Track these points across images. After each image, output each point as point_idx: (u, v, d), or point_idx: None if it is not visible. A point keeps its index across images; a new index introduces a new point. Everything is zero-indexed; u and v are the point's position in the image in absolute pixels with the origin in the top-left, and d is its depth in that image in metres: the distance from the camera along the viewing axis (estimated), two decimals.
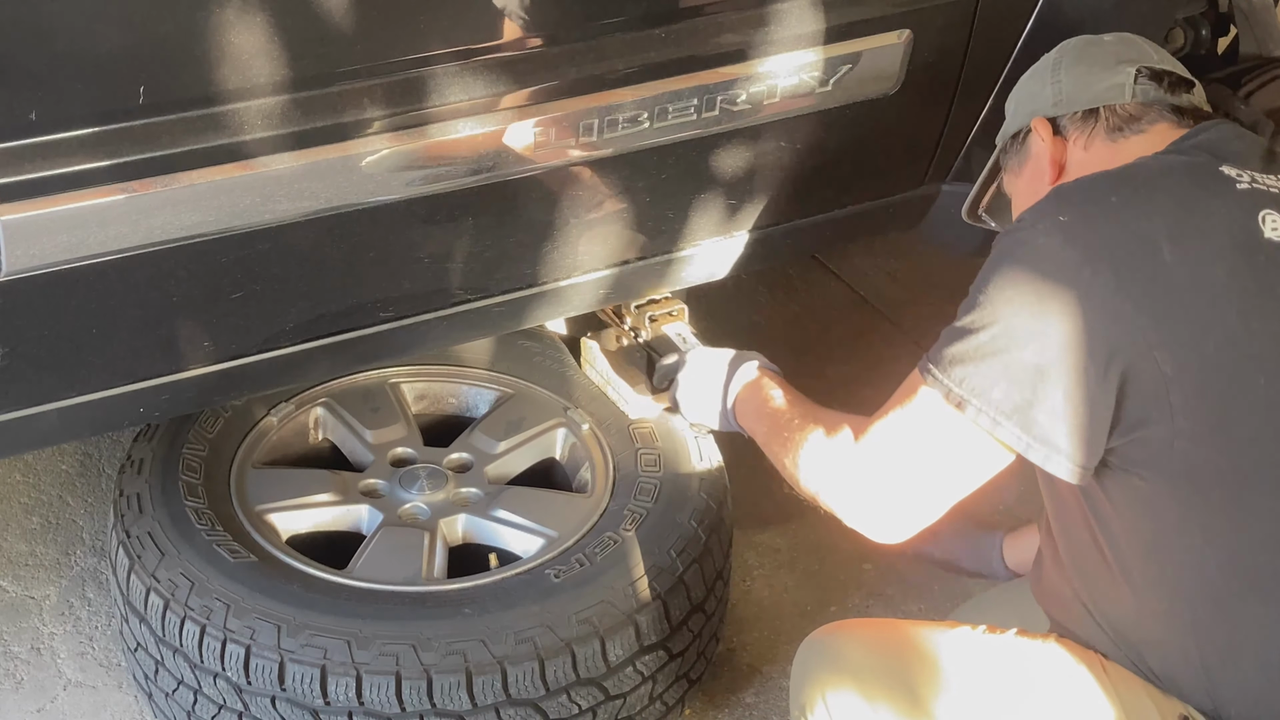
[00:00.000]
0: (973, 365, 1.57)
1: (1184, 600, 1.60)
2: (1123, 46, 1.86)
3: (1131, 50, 1.85)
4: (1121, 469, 1.59)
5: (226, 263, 1.83)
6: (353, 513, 2.29)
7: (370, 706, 1.95)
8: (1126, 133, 1.77)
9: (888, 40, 2.14)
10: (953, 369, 1.58)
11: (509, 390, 2.51)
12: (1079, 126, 1.81)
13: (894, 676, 1.66)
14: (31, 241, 1.67)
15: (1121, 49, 1.85)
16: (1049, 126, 1.83)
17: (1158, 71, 1.80)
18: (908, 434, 1.64)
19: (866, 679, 1.66)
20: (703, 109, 2.02)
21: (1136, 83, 1.78)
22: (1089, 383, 1.53)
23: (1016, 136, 1.89)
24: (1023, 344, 1.55)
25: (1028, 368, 1.54)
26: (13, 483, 2.69)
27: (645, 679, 2.08)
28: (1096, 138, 1.79)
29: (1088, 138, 1.80)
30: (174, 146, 1.69)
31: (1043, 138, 1.83)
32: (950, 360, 1.59)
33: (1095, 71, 1.82)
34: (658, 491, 2.24)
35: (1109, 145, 1.78)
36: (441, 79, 1.83)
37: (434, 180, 1.90)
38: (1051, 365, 1.54)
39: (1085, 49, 1.87)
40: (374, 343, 2.04)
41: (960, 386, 1.58)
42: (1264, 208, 1.60)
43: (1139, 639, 1.65)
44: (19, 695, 2.27)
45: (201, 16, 1.64)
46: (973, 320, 1.59)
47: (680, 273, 2.26)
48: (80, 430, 2.08)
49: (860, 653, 1.70)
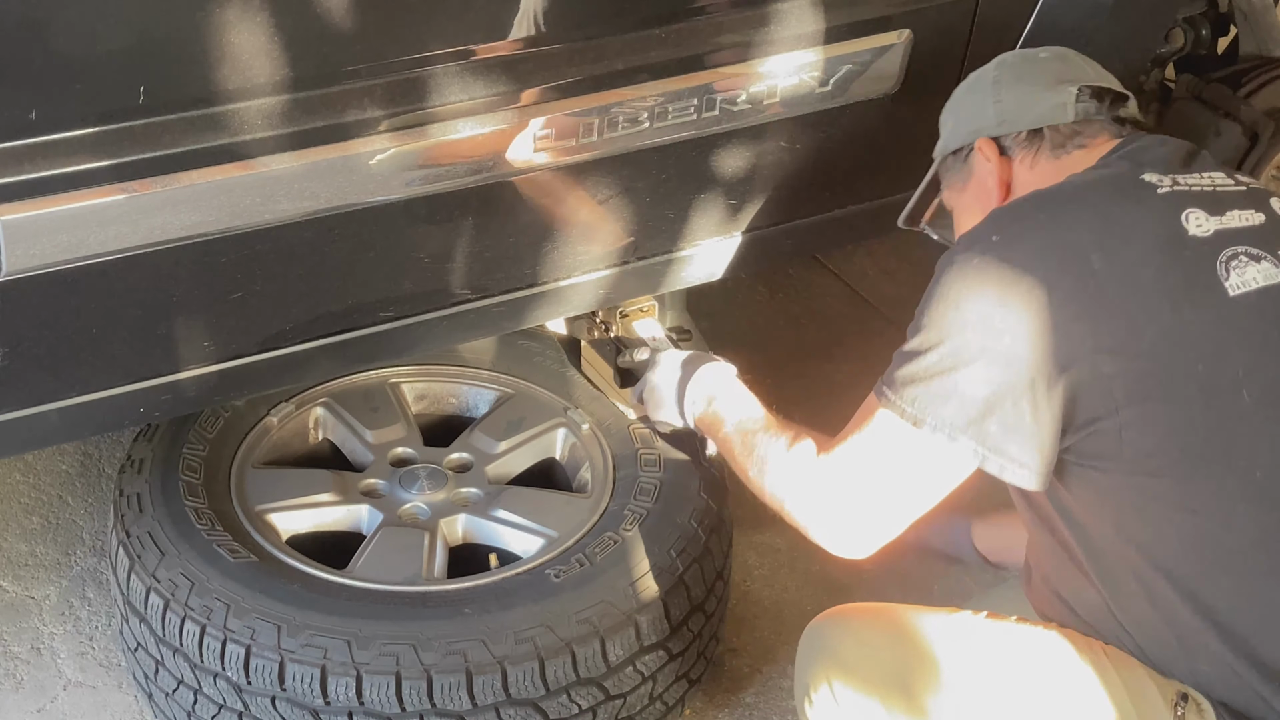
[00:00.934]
0: (924, 385, 1.63)
1: (1152, 581, 1.64)
2: (1061, 64, 1.90)
3: (1070, 68, 1.89)
4: (1078, 464, 1.64)
5: (226, 263, 1.83)
6: (353, 513, 2.29)
7: (370, 706, 1.95)
8: (1069, 148, 1.83)
9: (888, 40, 2.14)
10: (905, 389, 1.64)
11: (509, 390, 2.51)
12: (1024, 146, 1.85)
13: (898, 661, 1.69)
14: (31, 241, 1.67)
15: (1061, 67, 1.89)
16: (994, 147, 1.87)
17: (1098, 89, 1.85)
18: (869, 454, 1.69)
19: (871, 663, 1.69)
20: (703, 109, 2.02)
21: (1078, 101, 1.84)
22: (1036, 391, 1.59)
23: (958, 153, 1.93)
24: (969, 361, 1.60)
25: (976, 383, 1.60)
26: (13, 483, 2.69)
27: (645, 679, 2.08)
28: (1041, 156, 1.84)
29: (1033, 156, 1.85)
30: (174, 146, 1.69)
31: (989, 158, 1.87)
32: (902, 382, 1.64)
33: (1037, 91, 1.86)
34: (658, 491, 2.24)
35: (1053, 162, 1.83)
36: (441, 79, 1.83)
37: (434, 180, 1.90)
38: (999, 379, 1.59)
39: (1025, 67, 1.91)
40: (374, 343, 2.04)
41: (913, 406, 1.63)
42: (1186, 207, 1.67)
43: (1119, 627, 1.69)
44: (19, 695, 2.28)
45: (201, 16, 1.64)
46: (920, 342, 1.65)
47: (680, 273, 2.26)
48: (80, 430, 2.08)
49: (865, 637, 1.73)
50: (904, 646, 1.70)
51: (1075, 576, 1.72)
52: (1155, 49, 2.70)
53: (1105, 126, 1.83)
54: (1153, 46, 2.64)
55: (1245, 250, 1.65)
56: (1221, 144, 2.85)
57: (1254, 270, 1.64)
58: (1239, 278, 1.63)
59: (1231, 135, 2.84)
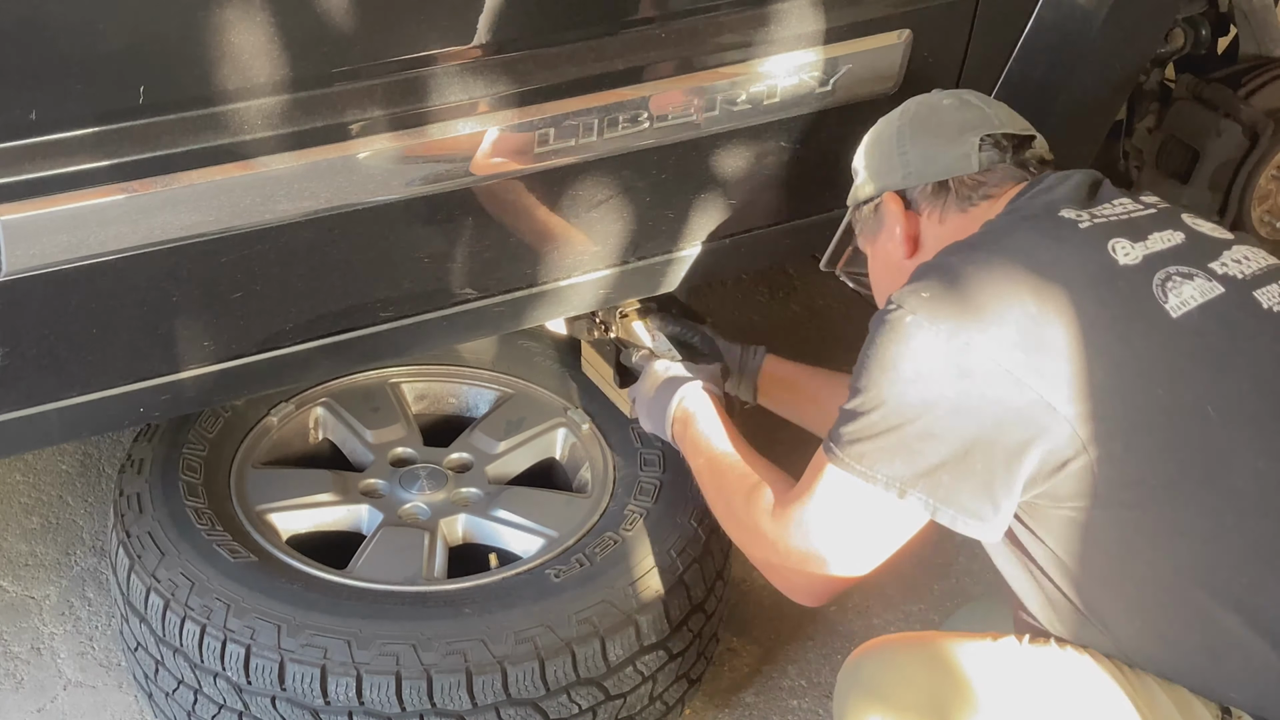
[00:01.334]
0: (870, 443, 1.63)
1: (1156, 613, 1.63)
2: (963, 112, 1.89)
3: (973, 115, 1.88)
4: (1055, 509, 1.62)
5: (226, 263, 1.83)
6: (353, 513, 2.29)
7: (370, 706, 1.95)
8: (975, 200, 1.83)
9: (888, 40, 2.14)
10: (852, 448, 1.65)
11: (509, 390, 2.51)
12: (930, 201, 1.86)
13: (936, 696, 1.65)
14: (31, 241, 1.67)
15: (963, 115, 1.88)
16: (899, 202, 1.88)
17: (998, 138, 1.85)
18: (821, 512, 1.70)
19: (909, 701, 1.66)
20: (703, 109, 2.02)
21: (981, 150, 1.84)
22: (985, 442, 1.59)
23: (869, 202, 1.93)
24: (913, 418, 1.61)
25: (922, 437, 1.61)
26: (13, 483, 2.69)
27: (645, 679, 2.08)
28: (949, 209, 1.85)
29: (941, 211, 1.85)
30: (174, 146, 1.69)
31: (894, 214, 1.87)
32: (849, 440, 1.65)
33: (940, 144, 1.86)
34: (658, 491, 2.24)
35: (960, 215, 1.83)
36: (441, 79, 1.83)
37: (434, 180, 1.90)
38: (944, 432, 1.60)
39: (928, 118, 1.90)
40: (374, 343, 2.04)
41: (861, 463, 1.64)
42: (1111, 237, 1.67)
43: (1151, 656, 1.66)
44: (19, 695, 2.28)
45: (201, 16, 1.64)
46: (861, 403, 1.64)
47: (680, 272, 2.26)
48: (80, 430, 2.08)
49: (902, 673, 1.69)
50: (943, 678, 1.66)
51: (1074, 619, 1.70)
52: (1155, 49, 2.70)
53: (1010, 173, 1.83)
54: (1153, 46, 2.64)
55: (1176, 270, 1.66)
56: (1221, 144, 2.85)
57: (1189, 288, 1.64)
58: (1177, 299, 1.63)
59: (1231, 135, 2.84)
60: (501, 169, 1.94)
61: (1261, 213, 2.96)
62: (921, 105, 1.94)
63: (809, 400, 2.33)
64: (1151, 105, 2.95)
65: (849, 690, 1.72)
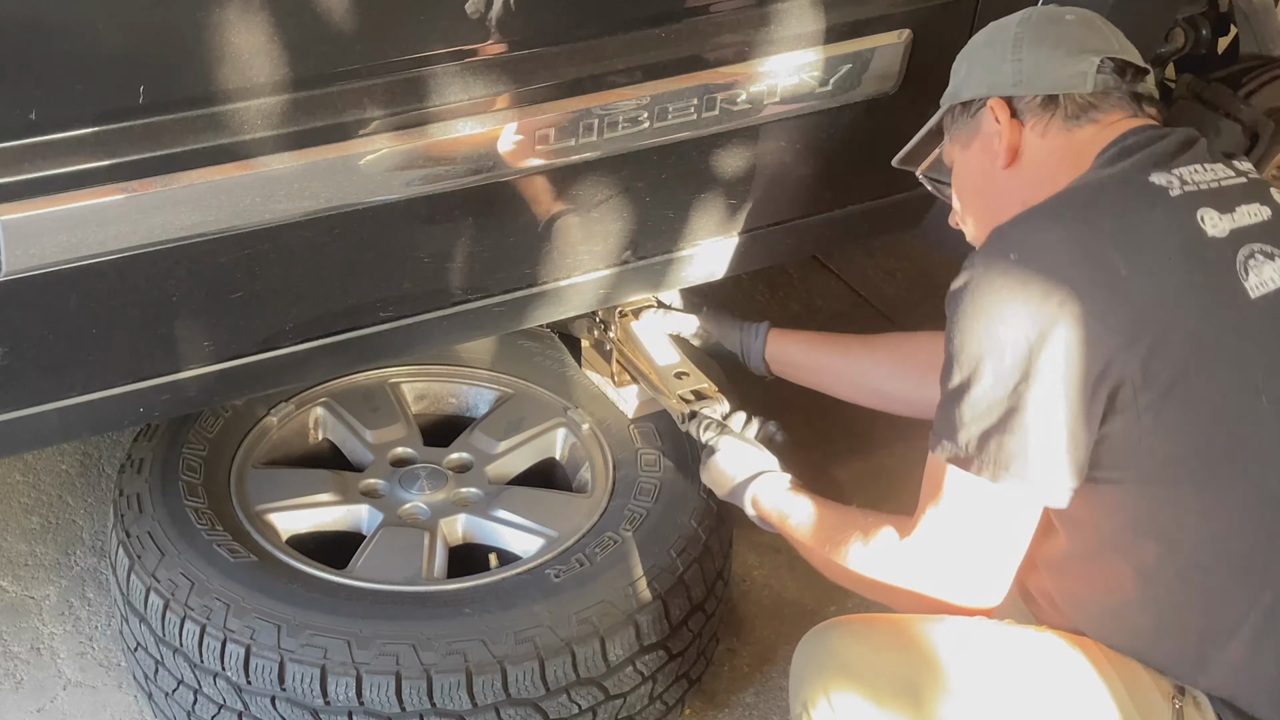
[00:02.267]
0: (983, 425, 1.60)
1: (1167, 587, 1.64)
2: (1086, 30, 1.83)
3: (1094, 36, 1.83)
4: (1091, 479, 1.62)
5: (226, 263, 1.83)
6: (353, 513, 2.29)
7: (370, 706, 1.95)
8: (1082, 121, 1.78)
9: (888, 40, 2.14)
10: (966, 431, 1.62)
11: (509, 390, 2.51)
12: (1037, 113, 1.79)
13: (898, 671, 1.67)
14: (31, 241, 1.67)
15: (1085, 34, 1.82)
16: (1006, 109, 1.81)
17: (1120, 63, 1.80)
18: (956, 523, 1.67)
19: (870, 675, 1.67)
20: (703, 109, 2.02)
21: (1098, 72, 1.78)
22: (1085, 409, 1.57)
23: (968, 105, 1.86)
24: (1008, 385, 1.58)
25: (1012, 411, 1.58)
26: (13, 483, 2.69)
27: (645, 679, 2.08)
28: (1054, 125, 1.79)
29: (1046, 125, 1.79)
30: (174, 146, 1.69)
31: (999, 120, 1.81)
32: (961, 424, 1.62)
33: (1059, 56, 1.80)
34: (658, 491, 2.24)
35: (1064, 132, 1.78)
36: (441, 79, 1.83)
37: (434, 180, 1.90)
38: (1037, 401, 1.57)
39: (1048, 28, 1.83)
40: (374, 343, 2.04)
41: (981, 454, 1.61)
42: (1199, 207, 1.65)
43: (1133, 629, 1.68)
44: (19, 695, 2.27)
45: (201, 16, 1.64)
46: (961, 379, 1.62)
47: (680, 272, 2.26)
48: (80, 430, 2.08)
49: (862, 648, 1.71)
50: (903, 657, 1.68)
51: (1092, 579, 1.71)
52: (1155, 49, 2.70)
53: (1121, 102, 1.78)
54: (1153, 46, 2.63)
55: (1260, 248, 1.65)
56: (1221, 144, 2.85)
57: (1270, 269, 1.64)
58: (1257, 277, 1.63)
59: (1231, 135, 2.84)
60: (501, 169, 1.93)
61: None
62: (1042, 15, 1.86)
63: (821, 369, 2.36)
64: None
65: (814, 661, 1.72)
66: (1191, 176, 1.68)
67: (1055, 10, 1.88)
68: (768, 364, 2.39)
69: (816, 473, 2.10)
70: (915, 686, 1.66)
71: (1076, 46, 1.80)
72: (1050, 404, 1.57)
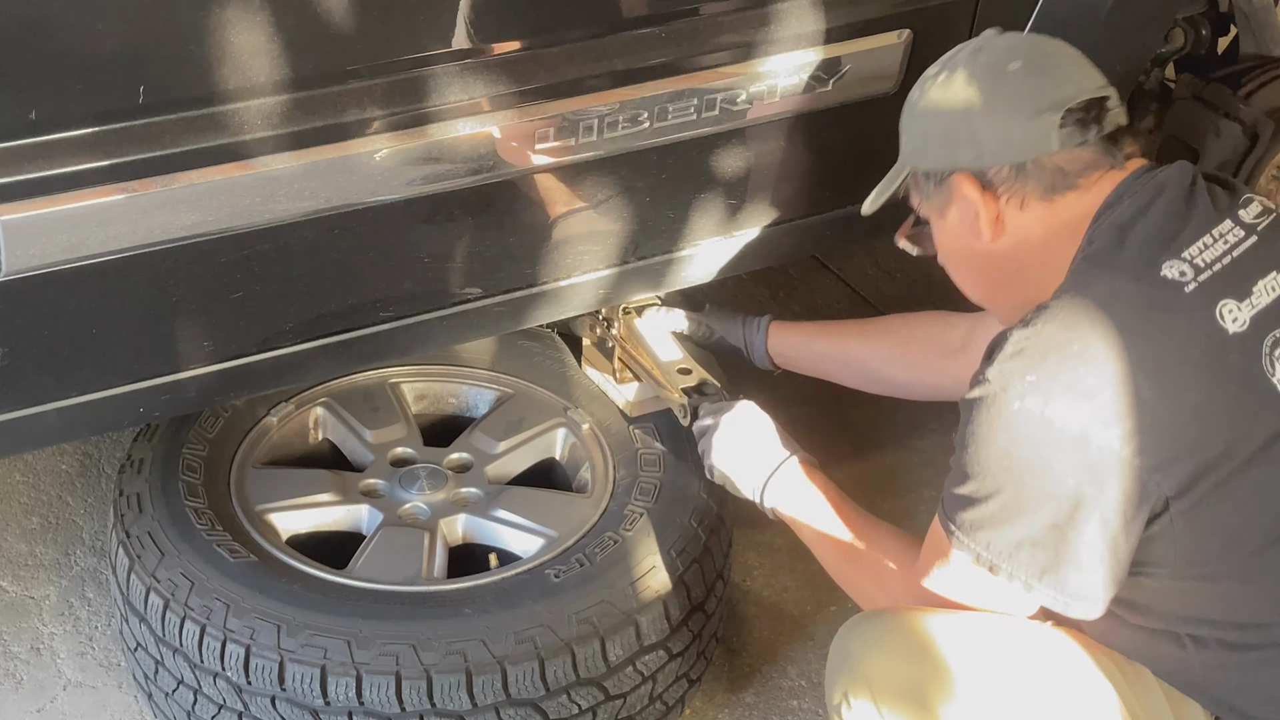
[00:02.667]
0: (993, 531, 1.61)
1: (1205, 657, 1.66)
2: (1037, 81, 1.71)
3: (1047, 84, 1.70)
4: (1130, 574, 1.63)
5: (226, 263, 1.83)
6: (353, 513, 2.29)
7: (370, 706, 1.95)
8: (1060, 189, 1.70)
9: (888, 40, 2.14)
10: (975, 534, 1.62)
11: (509, 390, 2.51)
12: (1009, 183, 1.71)
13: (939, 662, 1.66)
14: (31, 241, 1.67)
15: (1037, 85, 1.70)
16: (975, 184, 1.73)
17: (1082, 112, 1.69)
18: (953, 588, 1.70)
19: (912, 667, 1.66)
20: (703, 109, 2.02)
21: (1062, 127, 1.68)
22: (1107, 528, 1.56)
23: (931, 174, 1.79)
24: (1036, 508, 1.57)
25: (1046, 528, 1.58)
26: (13, 483, 2.69)
27: (645, 679, 2.08)
28: (1031, 196, 1.71)
29: (1023, 195, 1.71)
30: (174, 146, 1.69)
31: (970, 196, 1.73)
32: (970, 526, 1.63)
33: (1016, 121, 1.69)
34: (658, 491, 2.24)
35: (1045, 202, 1.70)
36: (441, 79, 1.83)
37: (434, 180, 1.90)
38: (1068, 522, 1.56)
39: (998, 88, 1.71)
40: (374, 343, 2.04)
41: (988, 550, 1.62)
42: (1218, 300, 1.60)
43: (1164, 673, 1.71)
44: (19, 695, 2.27)
45: (201, 16, 1.64)
46: (977, 489, 1.61)
47: (680, 272, 2.26)
48: (80, 430, 2.08)
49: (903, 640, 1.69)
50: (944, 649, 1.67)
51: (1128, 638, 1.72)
52: (1155, 49, 2.70)
53: (1094, 160, 1.69)
54: (1153, 46, 2.64)
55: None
56: (1221, 144, 2.85)
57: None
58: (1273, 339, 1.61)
59: (1231, 135, 2.85)
60: (501, 169, 1.93)
61: None
62: (988, 72, 1.73)
63: (822, 359, 2.38)
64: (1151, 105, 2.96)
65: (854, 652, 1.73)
66: (1203, 257, 1.62)
67: (998, 61, 1.74)
68: (771, 357, 2.40)
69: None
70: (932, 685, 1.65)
71: (1032, 106, 1.69)
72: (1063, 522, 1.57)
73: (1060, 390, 1.55)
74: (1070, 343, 1.57)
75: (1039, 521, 1.58)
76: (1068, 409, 1.54)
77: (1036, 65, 1.74)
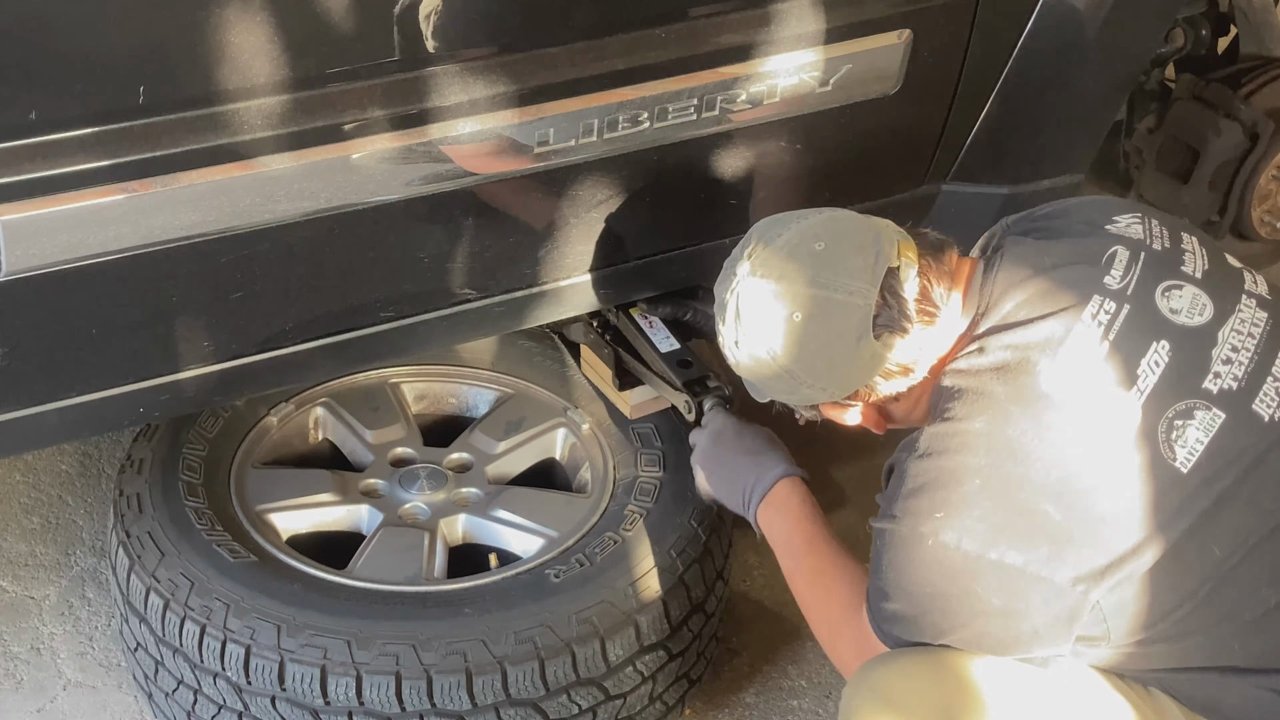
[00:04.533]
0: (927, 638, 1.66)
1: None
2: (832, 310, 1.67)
3: (839, 303, 1.67)
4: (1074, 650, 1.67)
5: (226, 263, 1.83)
6: (353, 513, 2.29)
7: (370, 706, 1.95)
8: (910, 383, 1.73)
9: (888, 40, 2.14)
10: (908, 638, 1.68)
11: (509, 390, 2.51)
12: (868, 389, 1.74)
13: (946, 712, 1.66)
14: (31, 241, 1.67)
15: (838, 313, 1.67)
16: (837, 406, 1.78)
17: (890, 310, 1.68)
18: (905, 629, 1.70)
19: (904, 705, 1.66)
20: (703, 109, 2.02)
21: (879, 339, 1.67)
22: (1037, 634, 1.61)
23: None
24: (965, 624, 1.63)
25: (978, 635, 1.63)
26: (13, 483, 2.69)
27: (645, 679, 2.08)
28: (904, 387, 1.74)
29: (897, 390, 1.74)
30: (174, 146, 1.69)
31: (842, 419, 1.81)
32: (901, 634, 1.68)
33: (842, 363, 1.70)
34: (658, 491, 2.24)
35: (921, 384, 1.73)
36: (441, 79, 1.83)
37: (434, 180, 1.90)
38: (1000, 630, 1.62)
39: (807, 343, 1.69)
40: (374, 343, 2.04)
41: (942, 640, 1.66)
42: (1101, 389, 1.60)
43: None
44: (19, 695, 2.28)
45: (201, 16, 1.64)
46: (902, 609, 1.66)
47: (681, 273, 2.26)
48: (80, 430, 2.08)
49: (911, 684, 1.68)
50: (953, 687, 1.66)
51: None
52: (1155, 49, 2.70)
53: (926, 338, 1.69)
54: (1153, 46, 2.64)
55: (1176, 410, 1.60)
56: (1221, 144, 2.85)
57: (1192, 432, 1.60)
58: (1183, 450, 1.59)
59: (1231, 135, 2.85)
60: (501, 169, 1.93)
61: (1261, 213, 2.96)
62: (790, 327, 1.69)
63: None
64: (1151, 105, 2.96)
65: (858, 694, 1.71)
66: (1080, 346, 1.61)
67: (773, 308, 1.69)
68: None
69: (816, 472, 2.10)
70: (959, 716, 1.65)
71: (849, 338, 1.68)
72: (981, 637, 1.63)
73: (970, 524, 1.59)
74: (968, 482, 1.60)
75: (972, 631, 1.63)
76: (982, 539, 1.59)
77: (819, 287, 1.68)
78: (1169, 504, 1.59)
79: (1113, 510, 1.58)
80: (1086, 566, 1.58)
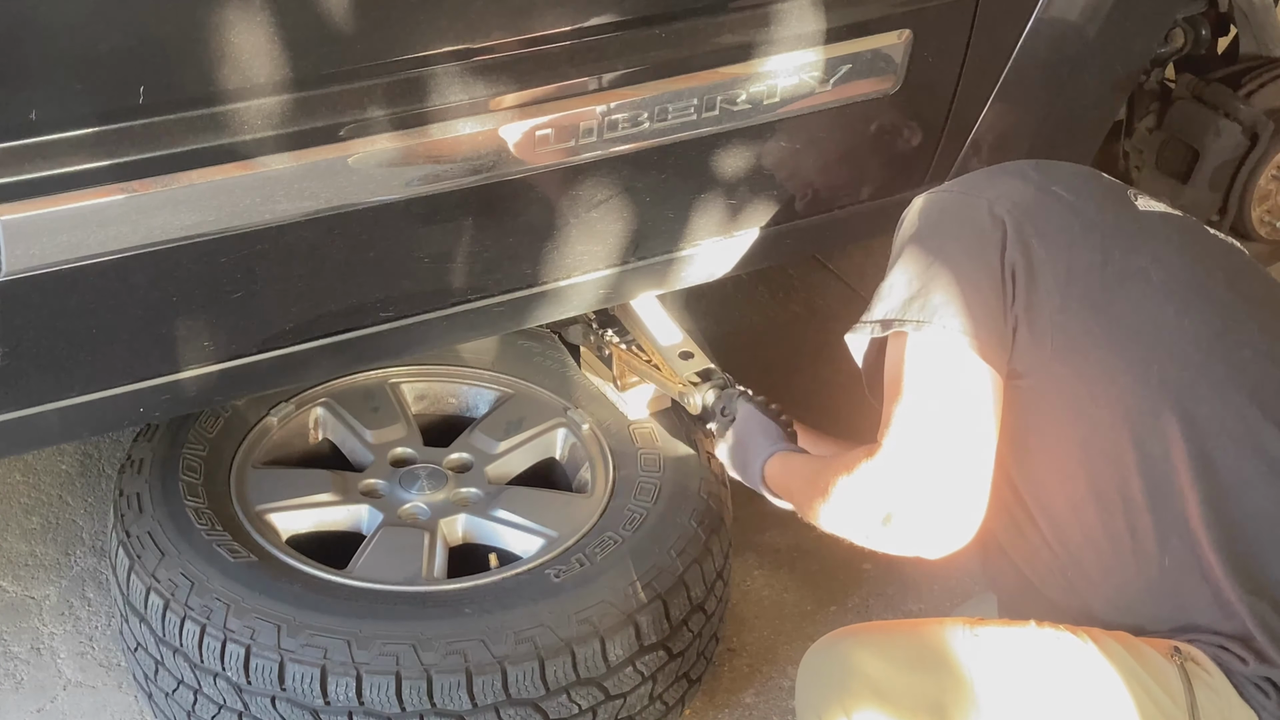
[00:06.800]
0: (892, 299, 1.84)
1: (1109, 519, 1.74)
2: None
3: None
4: (1013, 389, 1.75)
5: (226, 263, 1.83)
6: (353, 513, 2.29)
7: (370, 706, 1.95)
8: None
9: (888, 40, 2.14)
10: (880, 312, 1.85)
11: (509, 390, 2.51)
12: None
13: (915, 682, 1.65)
14: (31, 241, 1.67)
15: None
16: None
17: None
18: (910, 410, 1.72)
19: (888, 687, 1.65)
20: (703, 109, 2.02)
21: None
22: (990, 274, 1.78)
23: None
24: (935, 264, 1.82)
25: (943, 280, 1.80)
26: (13, 483, 2.69)
27: (645, 679, 2.08)
28: None
29: None
30: (174, 146, 1.69)
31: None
32: (883, 308, 1.85)
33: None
34: (658, 491, 2.24)
35: None
36: (441, 79, 1.83)
37: (433, 180, 1.90)
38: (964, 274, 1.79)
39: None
40: (374, 343, 2.04)
41: (903, 312, 1.81)
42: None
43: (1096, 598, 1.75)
44: (19, 695, 2.28)
45: (201, 16, 1.64)
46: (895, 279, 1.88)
47: (680, 273, 2.26)
48: (80, 430, 2.08)
49: (877, 659, 1.68)
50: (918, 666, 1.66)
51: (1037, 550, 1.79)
52: (1155, 49, 2.70)
53: None
54: (1152, 46, 2.64)
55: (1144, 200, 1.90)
56: (1221, 144, 2.85)
57: (1156, 204, 1.89)
58: (1144, 204, 1.88)
59: (1231, 135, 2.84)
60: (501, 169, 1.93)
61: (1261, 213, 2.96)
62: None
63: None
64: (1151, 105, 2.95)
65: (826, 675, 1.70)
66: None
67: None
68: None
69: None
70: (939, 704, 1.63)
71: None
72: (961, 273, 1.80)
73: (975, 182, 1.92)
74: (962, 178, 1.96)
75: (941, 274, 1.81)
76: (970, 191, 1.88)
77: None
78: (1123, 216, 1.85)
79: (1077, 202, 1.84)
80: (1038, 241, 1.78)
